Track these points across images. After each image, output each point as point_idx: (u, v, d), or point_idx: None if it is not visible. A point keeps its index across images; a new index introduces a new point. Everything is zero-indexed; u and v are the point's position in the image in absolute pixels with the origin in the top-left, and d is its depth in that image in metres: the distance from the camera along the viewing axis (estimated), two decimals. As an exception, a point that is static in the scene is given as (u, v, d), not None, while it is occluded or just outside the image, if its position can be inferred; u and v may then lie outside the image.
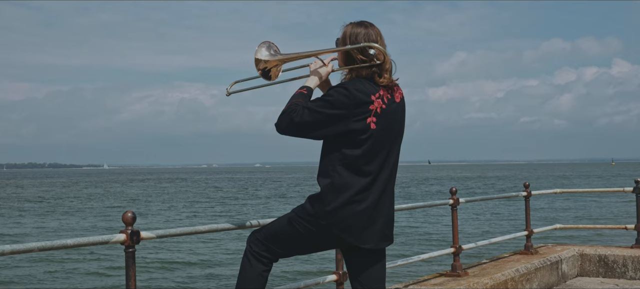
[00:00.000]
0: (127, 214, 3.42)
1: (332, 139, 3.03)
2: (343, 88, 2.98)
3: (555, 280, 7.08)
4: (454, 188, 6.24)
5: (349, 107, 2.95)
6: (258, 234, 3.23)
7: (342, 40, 3.13)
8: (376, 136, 2.99)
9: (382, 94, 3.03)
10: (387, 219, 3.11)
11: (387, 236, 3.13)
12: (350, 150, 2.98)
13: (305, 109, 2.99)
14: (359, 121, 2.96)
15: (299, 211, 3.11)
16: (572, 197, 39.25)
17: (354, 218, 2.98)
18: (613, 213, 29.41)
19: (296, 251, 3.21)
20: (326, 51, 3.22)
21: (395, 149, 3.11)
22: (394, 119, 3.07)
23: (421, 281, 5.94)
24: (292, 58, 3.30)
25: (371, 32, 3.08)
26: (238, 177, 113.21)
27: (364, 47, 3.04)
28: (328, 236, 3.04)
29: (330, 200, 2.97)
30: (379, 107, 3.00)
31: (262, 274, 3.18)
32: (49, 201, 46.52)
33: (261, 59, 3.25)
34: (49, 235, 24.50)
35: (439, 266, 11.74)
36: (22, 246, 3.05)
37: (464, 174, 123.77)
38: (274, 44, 3.28)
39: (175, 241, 19.74)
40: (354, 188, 2.97)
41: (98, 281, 14.75)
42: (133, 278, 3.41)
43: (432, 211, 29.18)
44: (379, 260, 3.17)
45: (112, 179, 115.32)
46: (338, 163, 2.99)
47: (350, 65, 3.11)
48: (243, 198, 47.83)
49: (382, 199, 3.06)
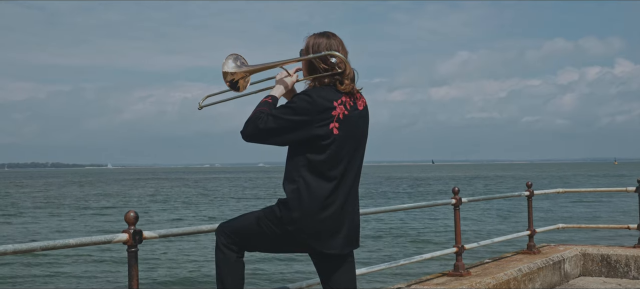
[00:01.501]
0: (130, 214, 3.42)
1: (296, 145, 3.12)
2: (306, 95, 3.08)
3: (558, 280, 7.07)
4: (456, 188, 6.23)
5: (312, 113, 3.03)
6: (226, 227, 3.30)
7: (305, 51, 3.23)
8: (339, 142, 3.08)
9: (345, 100, 3.13)
10: (352, 224, 3.19)
11: (353, 240, 3.22)
12: (314, 155, 3.06)
13: (269, 116, 3.09)
14: (321, 127, 3.05)
15: (268, 212, 3.17)
16: (574, 196, 39.21)
17: (320, 224, 3.06)
18: (616, 213, 29.37)
19: (262, 249, 3.28)
20: (291, 61, 3.31)
21: (358, 155, 3.20)
22: (357, 125, 3.17)
23: (424, 281, 5.93)
24: (258, 69, 3.38)
25: (333, 42, 3.19)
26: (240, 177, 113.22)
27: (325, 56, 3.14)
28: (294, 241, 3.12)
29: (296, 206, 3.05)
30: (342, 113, 3.10)
31: (237, 261, 3.26)
32: (52, 201, 46.58)
33: (228, 72, 3.34)
34: (51, 235, 24.53)
35: (441, 266, 11.73)
36: (24, 245, 3.05)
37: (465, 173, 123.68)
38: (242, 56, 3.37)
39: (178, 240, 19.75)
40: (319, 194, 3.05)
41: (100, 281, 14.76)
42: (135, 277, 3.41)
43: (434, 210, 29.16)
44: (347, 263, 3.27)
45: (120, 178, 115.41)
46: (303, 168, 3.07)
47: (313, 74, 3.20)
48: (244, 198, 47.85)
49: (347, 204, 3.15)
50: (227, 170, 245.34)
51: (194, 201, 45.24)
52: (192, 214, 33.37)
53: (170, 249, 18.78)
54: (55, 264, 16.64)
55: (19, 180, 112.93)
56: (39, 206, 40.99)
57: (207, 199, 46.75)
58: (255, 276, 14.22)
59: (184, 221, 29.80)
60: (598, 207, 32.84)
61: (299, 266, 15.15)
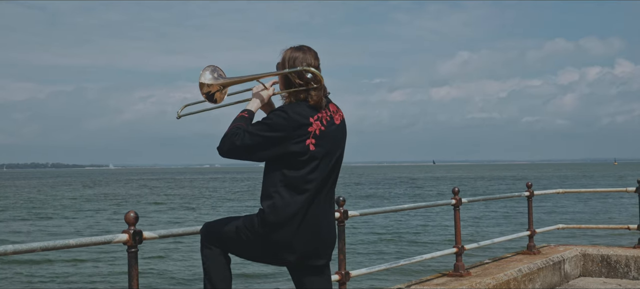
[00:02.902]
0: (130, 214, 3.43)
1: (273, 161, 3.14)
2: (282, 111, 3.10)
3: (558, 280, 7.07)
4: (456, 188, 6.23)
5: (288, 129, 3.06)
6: (209, 229, 3.34)
7: (281, 65, 3.24)
8: (315, 157, 3.10)
9: (321, 116, 3.15)
10: (327, 239, 3.23)
11: (327, 253, 3.26)
12: (290, 171, 3.09)
13: (246, 133, 3.10)
14: (298, 143, 3.07)
15: (247, 223, 3.20)
16: (574, 197, 39.22)
17: (296, 238, 3.10)
18: (616, 213, 29.37)
19: (239, 255, 3.32)
20: (267, 75, 3.33)
21: (335, 170, 3.23)
22: (334, 140, 3.19)
23: (424, 281, 5.94)
24: (234, 82, 3.40)
25: (308, 57, 3.21)
26: (241, 177, 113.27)
27: (300, 72, 3.15)
28: (270, 254, 3.17)
29: (272, 221, 3.08)
30: (318, 129, 3.12)
31: (222, 255, 3.31)
32: (55, 201, 46.60)
33: (204, 83, 3.35)
34: (51, 235, 24.53)
35: (441, 266, 11.73)
36: (24, 246, 3.06)
37: (466, 174, 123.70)
38: (219, 68, 3.38)
39: (178, 241, 19.75)
40: (294, 208, 3.07)
41: (100, 282, 14.76)
42: (135, 277, 3.42)
43: (434, 211, 29.17)
44: (323, 275, 3.30)
45: (123, 179, 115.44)
46: (279, 184, 3.10)
47: (289, 88, 3.21)
48: (245, 198, 47.85)
49: (322, 217, 3.18)
50: (227, 170, 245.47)
51: (194, 201, 45.25)
52: (193, 215, 33.37)
53: (170, 249, 18.78)
54: (55, 264, 16.64)
55: (21, 180, 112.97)
56: (40, 206, 41.00)
57: (207, 200, 46.76)
58: (251, 276, 14.23)
59: (185, 221, 29.79)
60: (598, 207, 32.84)
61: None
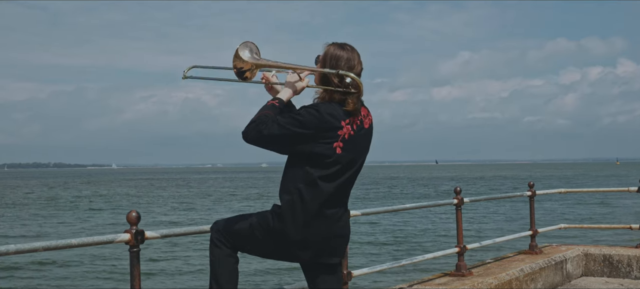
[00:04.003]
0: (132, 214, 3.42)
1: (297, 157, 3.09)
2: (315, 110, 3.03)
3: (560, 280, 7.06)
4: (458, 188, 6.23)
5: (318, 129, 3.00)
6: (220, 226, 3.31)
7: (322, 59, 3.17)
8: (341, 161, 3.06)
9: (353, 120, 3.09)
10: (341, 236, 3.21)
11: (340, 251, 3.24)
12: (314, 170, 3.04)
13: (274, 123, 3.02)
14: (326, 145, 3.01)
15: (261, 220, 3.17)
16: (576, 197, 39.15)
17: (311, 236, 3.08)
18: (618, 213, 29.32)
19: (252, 253, 3.29)
20: (306, 68, 3.24)
21: (356, 174, 3.20)
22: (361, 146, 3.15)
23: (426, 281, 5.93)
24: (271, 65, 3.31)
25: (352, 58, 3.13)
26: (242, 177, 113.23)
27: (342, 75, 3.07)
28: (284, 251, 3.15)
29: (288, 217, 3.05)
30: (348, 133, 3.06)
31: (230, 256, 3.28)
32: (58, 201, 46.62)
33: (242, 58, 3.22)
34: (53, 235, 24.54)
35: (443, 266, 11.72)
36: (26, 245, 3.05)
37: (468, 174, 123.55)
38: (256, 47, 3.27)
39: (180, 240, 19.75)
40: (312, 207, 3.04)
41: (102, 281, 14.77)
42: (137, 277, 3.41)
43: (436, 210, 29.13)
44: (335, 274, 3.29)
45: (128, 178, 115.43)
46: (300, 182, 3.05)
47: (325, 85, 3.14)
48: (246, 198, 47.84)
49: (337, 217, 3.15)
50: (228, 170, 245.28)
51: (196, 201, 45.23)
52: (194, 215, 33.36)
53: (172, 249, 18.78)
54: (56, 264, 16.64)
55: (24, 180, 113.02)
56: (42, 206, 41.02)
57: (208, 200, 46.74)
58: (252, 275, 14.22)
59: (186, 221, 29.79)
60: (600, 207, 32.79)
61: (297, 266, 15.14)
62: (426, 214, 28.21)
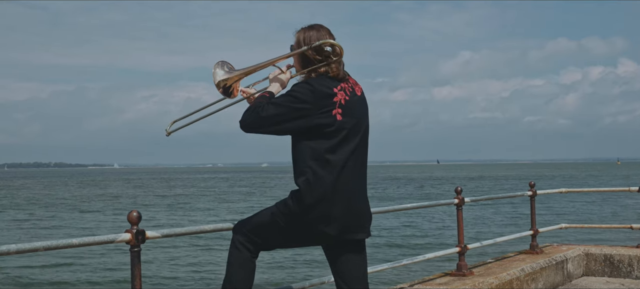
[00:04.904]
0: (133, 214, 3.42)
1: (300, 137, 3.09)
2: (306, 83, 3.07)
3: (561, 280, 7.06)
4: (459, 187, 6.23)
5: (315, 100, 3.02)
6: (242, 225, 3.31)
7: (296, 45, 3.21)
8: (344, 126, 3.06)
9: (344, 86, 3.13)
10: (362, 211, 3.18)
11: (365, 227, 3.20)
12: (319, 144, 3.04)
13: (270, 104, 3.05)
14: (324, 114, 3.03)
15: (281, 206, 3.17)
16: (577, 196, 39.14)
17: (334, 210, 3.04)
18: (619, 213, 29.32)
19: (278, 245, 3.27)
20: (282, 58, 3.27)
21: (363, 142, 3.17)
22: (360, 111, 3.16)
23: (426, 281, 5.93)
24: (249, 71, 3.34)
25: (323, 33, 3.17)
26: (243, 177, 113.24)
27: (319, 47, 3.11)
28: (309, 232, 3.11)
29: (308, 197, 3.03)
30: (343, 99, 3.09)
31: (250, 260, 3.27)
32: (60, 201, 46.64)
33: (220, 80, 3.30)
34: (54, 234, 24.55)
35: (444, 266, 11.72)
36: (27, 245, 3.05)
37: (469, 173, 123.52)
38: (228, 62, 3.34)
39: (181, 240, 19.75)
40: (327, 180, 3.02)
41: (103, 281, 14.77)
42: (138, 277, 3.41)
43: (437, 210, 29.13)
44: (360, 253, 3.25)
45: (132, 178, 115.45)
46: (309, 159, 3.05)
47: (308, 67, 3.18)
48: (247, 198, 47.84)
49: (356, 191, 3.13)
50: (229, 170, 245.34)
51: (196, 201, 45.24)
52: (195, 214, 33.37)
53: (173, 249, 18.79)
54: (57, 264, 16.65)
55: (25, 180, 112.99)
56: (43, 206, 41.04)
57: (209, 199, 46.76)
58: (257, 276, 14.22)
59: (186, 221, 29.80)
60: (601, 207, 32.78)
61: (298, 269, 15.14)
62: (427, 214, 28.20)
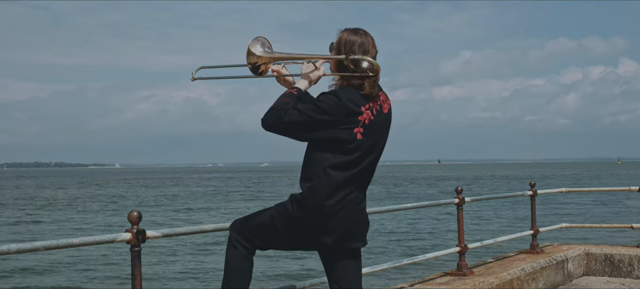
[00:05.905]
0: (133, 213, 3.42)
1: (317, 144, 3.07)
2: (335, 96, 3.02)
3: (561, 279, 7.06)
4: (459, 187, 6.23)
5: (339, 115, 2.99)
6: (239, 224, 3.31)
7: (336, 46, 3.15)
8: (361, 147, 3.05)
9: (372, 105, 3.08)
10: (360, 220, 3.19)
11: (362, 235, 3.22)
12: (334, 157, 3.02)
13: (294, 110, 3.02)
14: (346, 130, 3.00)
15: (280, 209, 3.17)
16: (578, 196, 39.12)
17: (333, 220, 3.05)
18: (619, 212, 29.31)
19: (274, 246, 3.29)
20: (321, 57, 3.23)
21: (376, 160, 3.18)
22: (381, 131, 3.14)
23: (427, 280, 5.93)
24: (283, 58, 3.30)
25: (366, 42, 3.11)
26: (243, 177, 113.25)
27: (357, 59, 3.06)
28: (305, 237, 3.13)
29: (309, 204, 3.04)
30: (368, 119, 3.05)
31: (247, 257, 3.27)
32: (61, 201, 46.65)
33: (255, 54, 3.23)
34: (54, 234, 24.56)
35: (444, 265, 11.71)
36: (28, 245, 3.05)
37: (469, 173, 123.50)
38: (268, 41, 3.28)
39: (181, 239, 19.75)
40: (332, 192, 3.02)
41: (103, 281, 14.77)
42: (139, 277, 3.41)
43: (437, 210, 29.12)
44: (355, 260, 3.27)
45: (134, 177, 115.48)
46: (320, 168, 3.04)
47: (342, 72, 3.13)
48: (248, 198, 47.83)
49: (358, 204, 3.14)
50: (230, 170, 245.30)
51: (197, 200, 45.24)
52: (195, 214, 33.38)
53: (173, 248, 18.78)
54: (58, 263, 16.64)
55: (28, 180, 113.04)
56: (47, 206, 41.06)
57: (209, 199, 46.75)
58: (258, 275, 14.22)
59: (187, 220, 29.80)
60: (601, 206, 32.77)
61: (297, 268, 15.14)
62: (427, 214, 28.20)
